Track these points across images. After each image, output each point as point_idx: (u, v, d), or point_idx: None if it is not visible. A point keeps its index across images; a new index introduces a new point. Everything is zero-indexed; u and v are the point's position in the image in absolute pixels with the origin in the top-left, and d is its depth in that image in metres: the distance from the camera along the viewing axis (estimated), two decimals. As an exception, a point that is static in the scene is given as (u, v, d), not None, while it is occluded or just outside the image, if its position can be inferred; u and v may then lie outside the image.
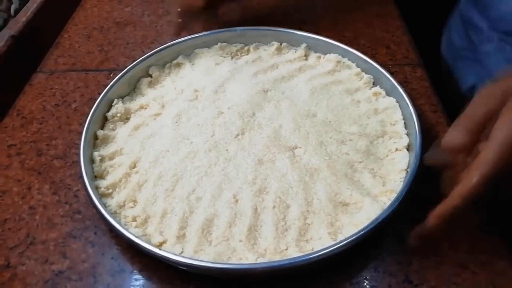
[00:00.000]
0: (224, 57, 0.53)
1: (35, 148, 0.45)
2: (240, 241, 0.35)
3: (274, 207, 0.37)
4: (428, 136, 0.43)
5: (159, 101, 0.48)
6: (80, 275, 0.35)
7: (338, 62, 0.51)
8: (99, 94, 0.46)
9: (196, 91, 0.48)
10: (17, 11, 0.60)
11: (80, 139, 0.41)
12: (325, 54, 0.52)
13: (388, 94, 0.47)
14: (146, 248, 0.33)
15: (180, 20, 0.54)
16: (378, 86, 0.48)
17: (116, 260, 0.36)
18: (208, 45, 0.53)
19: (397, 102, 0.46)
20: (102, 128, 0.45)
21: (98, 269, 0.36)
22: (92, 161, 0.41)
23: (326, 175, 0.39)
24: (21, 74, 0.54)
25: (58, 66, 0.56)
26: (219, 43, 0.53)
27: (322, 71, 0.51)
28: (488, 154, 0.30)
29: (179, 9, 0.53)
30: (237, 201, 0.38)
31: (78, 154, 0.40)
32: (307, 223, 0.36)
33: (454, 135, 0.32)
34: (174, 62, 0.52)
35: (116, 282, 0.35)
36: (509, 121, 0.30)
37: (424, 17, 0.73)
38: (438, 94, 0.50)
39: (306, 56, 0.53)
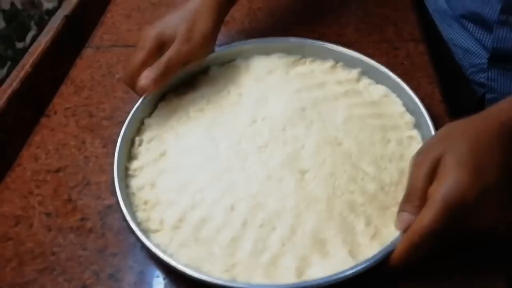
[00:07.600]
0: (278, 67, 0.53)
1: (86, 110, 0.54)
2: (220, 248, 0.38)
3: (261, 225, 0.39)
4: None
5: (207, 98, 0.51)
6: (125, 208, 0.44)
7: (386, 95, 0.49)
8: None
9: (240, 95, 0.50)
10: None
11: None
12: (377, 83, 0.51)
13: (424, 140, 0.44)
14: (136, 233, 0.38)
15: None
16: (416, 129, 0.46)
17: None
18: (267, 52, 0.54)
19: None
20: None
21: (139, 205, 0.44)
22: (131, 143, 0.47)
23: (322, 208, 0.39)
24: (72, 48, 0.63)
25: (103, 42, 0.64)
26: (277, 53, 0.54)
27: (366, 100, 0.49)
28: (427, 215, 0.33)
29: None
30: (232, 210, 0.40)
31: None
32: (283, 250, 0.37)
33: (404, 217, 0.36)
34: (232, 63, 0.54)
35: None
36: (444, 184, 0.34)
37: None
38: (438, 67, 0.56)
39: (358, 80, 0.52)
